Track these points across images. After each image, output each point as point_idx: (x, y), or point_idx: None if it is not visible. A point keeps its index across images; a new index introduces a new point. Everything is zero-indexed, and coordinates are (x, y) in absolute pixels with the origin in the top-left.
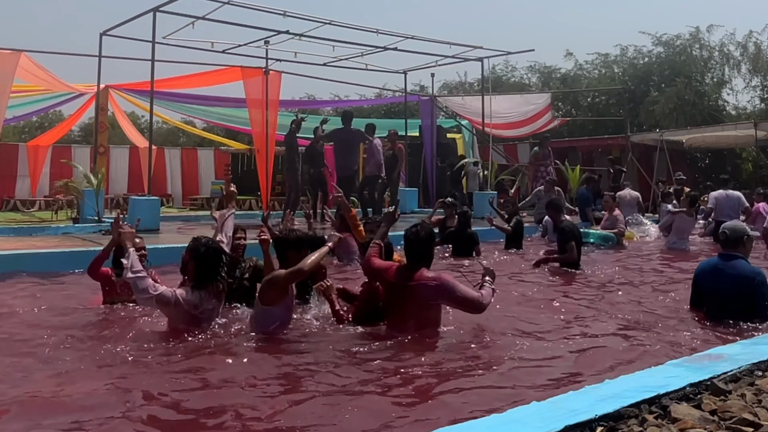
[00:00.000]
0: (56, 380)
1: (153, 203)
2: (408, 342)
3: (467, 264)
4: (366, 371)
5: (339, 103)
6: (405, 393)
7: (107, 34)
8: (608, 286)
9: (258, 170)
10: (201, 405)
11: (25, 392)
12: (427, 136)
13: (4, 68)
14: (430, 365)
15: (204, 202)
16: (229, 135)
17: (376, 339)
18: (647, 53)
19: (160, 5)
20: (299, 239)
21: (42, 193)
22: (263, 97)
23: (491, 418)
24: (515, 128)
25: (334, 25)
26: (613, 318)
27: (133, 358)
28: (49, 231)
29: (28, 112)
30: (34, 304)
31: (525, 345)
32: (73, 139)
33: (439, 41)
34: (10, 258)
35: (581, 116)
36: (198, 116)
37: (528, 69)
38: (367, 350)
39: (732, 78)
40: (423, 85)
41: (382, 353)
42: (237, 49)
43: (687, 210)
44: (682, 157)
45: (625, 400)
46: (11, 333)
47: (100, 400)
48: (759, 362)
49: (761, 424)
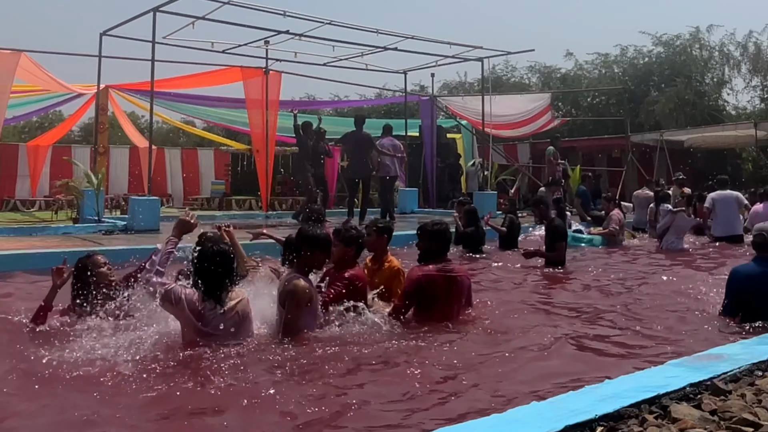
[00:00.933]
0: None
1: (153, 203)
2: (407, 342)
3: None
4: (365, 370)
5: (339, 103)
6: (405, 393)
7: (107, 34)
8: (608, 286)
9: (257, 170)
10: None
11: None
12: (427, 136)
13: (4, 68)
14: (430, 365)
15: (204, 201)
16: (229, 135)
17: (378, 339)
18: (647, 53)
19: (160, 5)
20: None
21: (42, 193)
22: (263, 98)
23: (491, 418)
24: (515, 128)
25: (334, 25)
26: (612, 318)
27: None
28: (49, 231)
29: (28, 112)
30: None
31: (524, 345)
32: (73, 139)
33: (439, 41)
34: (10, 258)
35: (581, 116)
36: (198, 116)
37: (528, 69)
38: (366, 349)
39: (732, 78)
40: (423, 85)
41: (379, 352)
42: (237, 49)
43: (686, 210)
44: (682, 157)
45: (625, 400)
46: (11, 333)
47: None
48: (759, 362)
49: (761, 424)
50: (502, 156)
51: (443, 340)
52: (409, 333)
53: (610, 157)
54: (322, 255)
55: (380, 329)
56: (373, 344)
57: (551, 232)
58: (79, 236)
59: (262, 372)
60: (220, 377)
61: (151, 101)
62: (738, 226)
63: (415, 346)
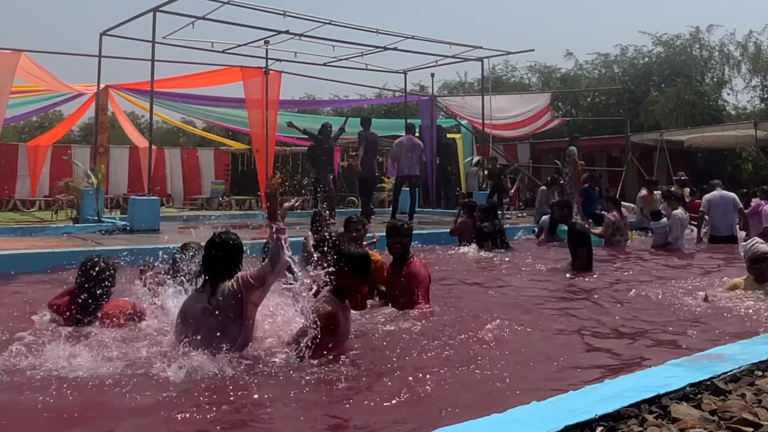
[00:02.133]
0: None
1: (153, 203)
2: (407, 339)
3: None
4: (364, 370)
5: (339, 103)
6: (405, 393)
7: (107, 34)
8: (608, 286)
9: (257, 170)
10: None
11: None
12: (427, 136)
13: (4, 68)
14: (430, 365)
15: (204, 202)
16: (229, 135)
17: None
18: (647, 53)
19: (160, 5)
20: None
21: (42, 193)
22: (263, 98)
23: (491, 418)
24: (515, 128)
25: (334, 25)
26: (612, 318)
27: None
28: (49, 231)
29: (28, 111)
30: (33, 306)
31: (525, 345)
32: (73, 139)
33: (439, 41)
34: (10, 258)
35: (581, 116)
36: (198, 116)
37: (528, 69)
38: (364, 350)
39: (732, 78)
40: (423, 85)
41: (378, 351)
42: (237, 49)
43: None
44: (682, 157)
45: (625, 400)
46: (11, 333)
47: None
48: (759, 362)
49: (761, 424)
50: (502, 156)
51: (443, 339)
52: (407, 332)
53: (610, 157)
54: (357, 278)
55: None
56: (374, 343)
57: (572, 237)
58: (79, 236)
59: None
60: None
61: (151, 101)
62: (733, 228)
63: (414, 345)
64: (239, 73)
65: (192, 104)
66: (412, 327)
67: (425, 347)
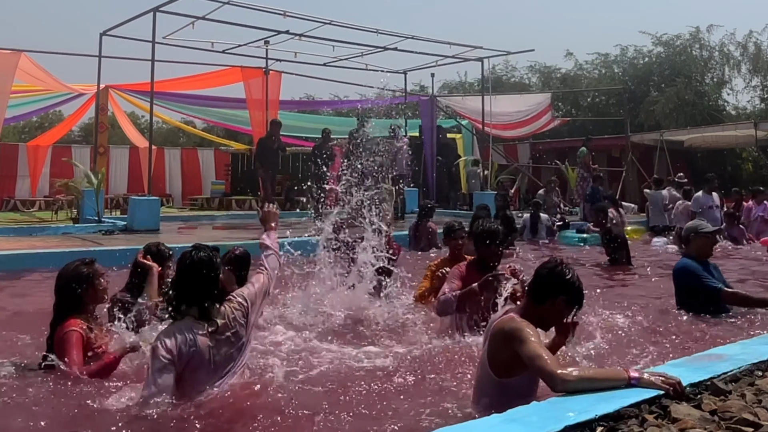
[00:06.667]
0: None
1: (153, 203)
2: (407, 339)
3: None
4: (363, 369)
5: (339, 103)
6: (404, 393)
7: (107, 34)
8: (608, 286)
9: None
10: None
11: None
12: (427, 136)
13: (4, 68)
14: (430, 364)
15: (204, 202)
16: (229, 135)
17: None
18: (647, 53)
19: (160, 5)
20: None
21: (42, 193)
22: (263, 98)
23: (491, 418)
24: (515, 128)
25: (334, 25)
26: (612, 318)
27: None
28: (49, 231)
29: (28, 112)
30: (34, 305)
31: None
32: (73, 139)
33: (439, 41)
34: (10, 258)
35: (581, 116)
36: (198, 116)
37: (528, 69)
38: (364, 349)
39: (732, 78)
40: (423, 85)
41: (380, 353)
42: (237, 49)
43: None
44: (682, 157)
45: (625, 400)
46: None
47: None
48: (759, 362)
49: (761, 424)
50: (502, 156)
51: (443, 338)
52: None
53: (610, 157)
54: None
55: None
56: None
57: (606, 241)
58: (79, 236)
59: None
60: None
61: (151, 101)
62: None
63: (415, 344)
64: (239, 73)
65: (192, 104)
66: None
67: (417, 346)
